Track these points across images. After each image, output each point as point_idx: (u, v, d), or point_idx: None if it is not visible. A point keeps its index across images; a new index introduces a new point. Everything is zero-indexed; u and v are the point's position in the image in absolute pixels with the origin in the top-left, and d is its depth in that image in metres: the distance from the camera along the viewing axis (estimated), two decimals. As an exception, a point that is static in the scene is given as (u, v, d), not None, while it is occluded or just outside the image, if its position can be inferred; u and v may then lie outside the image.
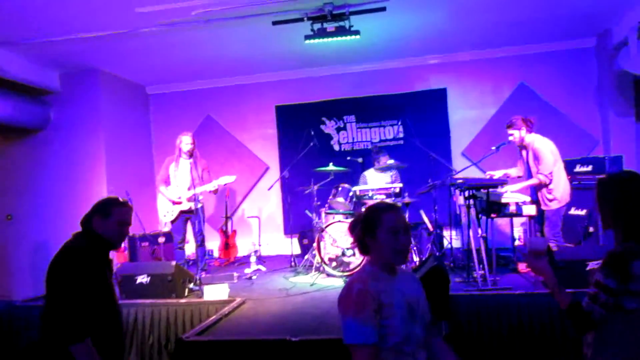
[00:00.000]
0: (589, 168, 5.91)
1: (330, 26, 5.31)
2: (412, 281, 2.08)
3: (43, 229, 6.77)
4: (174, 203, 5.97)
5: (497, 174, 5.18)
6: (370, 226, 1.95)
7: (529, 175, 4.97)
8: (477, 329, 3.94)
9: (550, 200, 4.72)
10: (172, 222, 5.98)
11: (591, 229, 5.50)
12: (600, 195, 2.05)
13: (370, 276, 1.90)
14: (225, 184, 6.15)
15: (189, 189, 5.88)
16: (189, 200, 5.89)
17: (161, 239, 6.72)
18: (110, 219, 2.52)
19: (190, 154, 5.94)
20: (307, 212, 6.04)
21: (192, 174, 5.76)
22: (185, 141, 5.91)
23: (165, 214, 5.98)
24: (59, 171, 6.93)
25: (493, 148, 5.20)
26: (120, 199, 2.64)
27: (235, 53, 6.69)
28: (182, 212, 5.97)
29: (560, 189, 4.73)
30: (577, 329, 1.96)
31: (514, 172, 5.22)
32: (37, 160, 7.03)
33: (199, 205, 5.81)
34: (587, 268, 2.24)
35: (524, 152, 5.03)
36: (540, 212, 4.84)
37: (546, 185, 4.71)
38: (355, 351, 1.79)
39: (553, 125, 6.79)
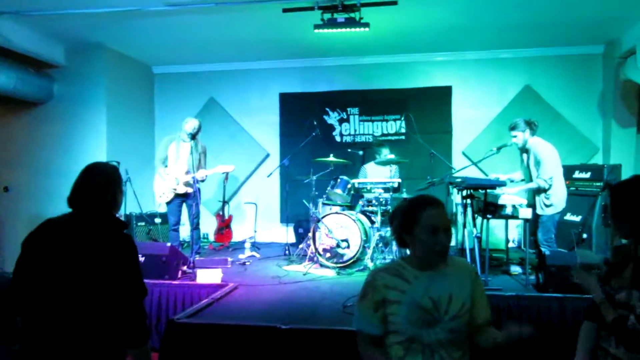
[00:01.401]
0: (587, 175, 5.94)
1: (340, 17, 5.29)
2: (454, 276, 1.86)
3: (38, 203, 6.76)
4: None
5: (502, 177, 5.17)
6: (408, 221, 1.82)
7: (528, 178, 4.97)
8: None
9: (548, 206, 4.73)
10: (168, 203, 5.97)
11: (584, 236, 5.53)
12: (621, 201, 1.89)
13: (391, 269, 1.84)
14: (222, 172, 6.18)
15: (186, 172, 5.87)
16: (186, 184, 5.88)
17: (157, 220, 6.76)
18: (122, 189, 2.19)
19: (192, 137, 5.92)
20: (304, 201, 6.06)
21: (191, 158, 5.75)
22: (192, 124, 5.87)
23: (161, 195, 5.96)
24: (59, 146, 6.92)
25: (494, 149, 5.20)
26: None
27: (243, 38, 6.66)
28: (177, 195, 5.96)
29: (558, 195, 4.74)
30: (627, 346, 1.81)
31: (517, 176, 5.23)
32: (37, 133, 7.01)
33: (196, 187, 5.79)
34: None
35: (524, 155, 5.03)
36: (535, 216, 4.86)
37: (545, 190, 4.71)
38: (357, 336, 1.85)
39: (555, 129, 6.81)
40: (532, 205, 4.84)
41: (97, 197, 2.00)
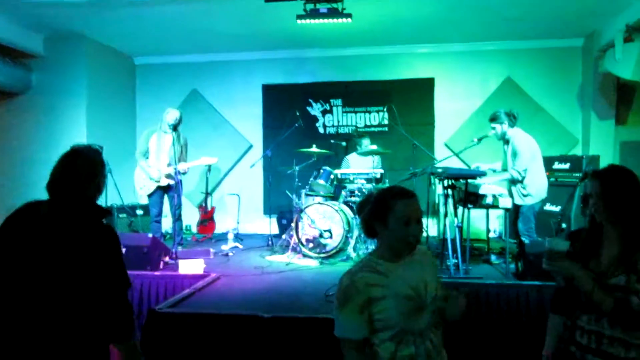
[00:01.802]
0: (567, 166, 6.03)
1: (323, 8, 5.28)
2: (422, 263, 1.89)
3: (17, 197, 6.62)
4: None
5: (484, 167, 5.23)
6: (380, 211, 1.81)
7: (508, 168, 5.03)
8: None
9: (525, 196, 4.79)
10: (149, 195, 5.92)
11: (564, 225, 5.62)
12: (613, 189, 1.92)
13: (365, 268, 1.80)
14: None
15: (168, 165, 5.82)
16: (168, 177, 5.84)
17: (139, 211, 6.70)
18: (105, 175, 2.06)
19: (174, 128, 5.88)
20: (287, 192, 6.06)
21: (174, 149, 5.71)
22: (173, 115, 5.82)
23: (142, 187, 5.91)
24: (38, 137, 6.81)
25: (475, 139, 5.24)
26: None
27: (225, 28, 6.61)
28: (159, 187, 5.91)
29: (536, 185, 4.79)
30: (626, 327, 1.83)
31: (499, 166, 5.28)
32: (15, 124, 6.89)
33: (179, 179, 5.75)
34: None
35: (505, 146, 5.08)
36: (515, 206, 4.92)
37: (520, 181, 4.78)
38: (342, 344, 1.76)
39: (536, 121, 6.89)
40: (510, 195, 4.90)
41: (79, 186, 1.88)
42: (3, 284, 1.81)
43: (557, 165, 6.14)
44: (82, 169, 1.91)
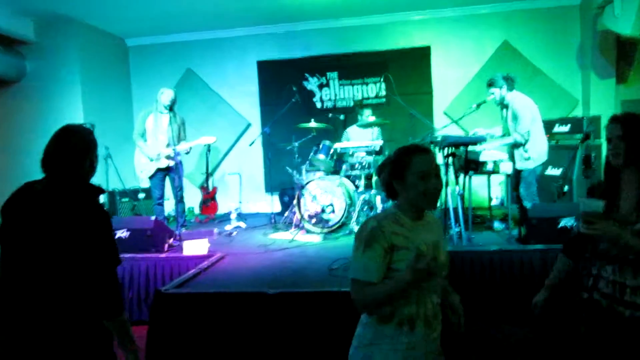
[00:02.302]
0: (567, 128, 5.98)
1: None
2: (435, 227, 1.95)
3: (14, 186, 6.63)
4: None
5: (482, 132, 5.19)
6: (398, 168, 1.82)
7: (508, 133, 4.99)
8: (450, 283, 4.03)
9: (527, 159, 4.77)
10: (150, 178, 5.91)
11: (566, 188, 5.60)
12: (633, 129, 2.00)
13: (390, 217, 1.82)
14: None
15: (167, 145, 5.80)
16: (168, 158, 5.82)
17: (141, 195, 6.71)
18: (97, 154, 2.08)
19: (170, 108, 5.83)
20: (287, 168, 6.03)
21: (171, 129, 5.67)
22: (168, 94, 5.77)
23: (143, 170, 5.89)
24: (34, 125, 6.75)
25: (473, 106, 5.20)
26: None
27: (216, 4, 6.50)
28: (160, 169, 5.90)
29: (537, 148, 4.77)
30: None
31: (497, 131, 5.25)
32: (11, 113, 6.84)
33: (178, 159, 5.72)
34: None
35: (504, 110, 5.04)
36: (516, 171, 4.90)
37: (522, 144, 4.75)
38: (353, 285, 1.78)
39: (535, 84, 6.82)
40: (512, 160, 4.88)
41: (73, 161, 1.93)
42: (3, 261, 1.89)
43: (557, 128, 6.09)
44: (76, 145, 1.96)
